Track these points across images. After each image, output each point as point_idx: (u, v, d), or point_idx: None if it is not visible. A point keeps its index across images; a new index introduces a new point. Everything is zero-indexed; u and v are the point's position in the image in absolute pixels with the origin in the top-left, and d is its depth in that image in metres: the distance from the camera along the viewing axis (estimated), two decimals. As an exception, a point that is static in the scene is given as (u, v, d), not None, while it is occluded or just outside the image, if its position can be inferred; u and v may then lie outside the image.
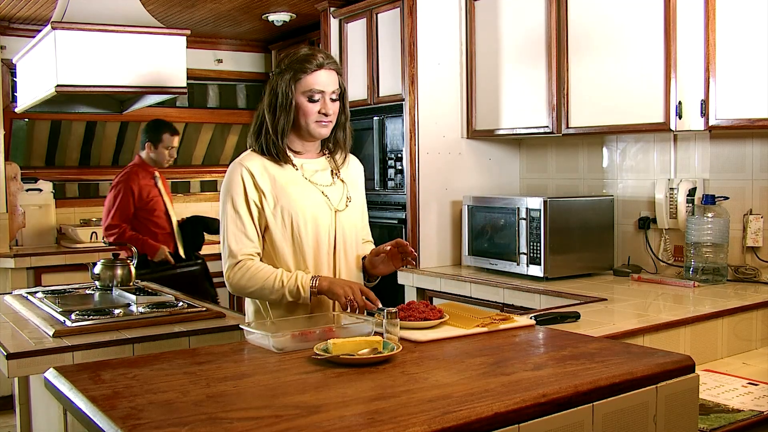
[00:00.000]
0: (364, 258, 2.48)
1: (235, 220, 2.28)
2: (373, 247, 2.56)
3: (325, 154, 2.48)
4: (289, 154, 2.37)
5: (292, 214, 2.30)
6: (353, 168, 2.55)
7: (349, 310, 2.25)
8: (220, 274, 2.39)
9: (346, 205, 2.43)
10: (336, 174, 2.45)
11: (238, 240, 2.28)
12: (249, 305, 2.45)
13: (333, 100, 2.37)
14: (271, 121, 2.33)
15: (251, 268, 2.27)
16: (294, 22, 5.67)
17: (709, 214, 3.30)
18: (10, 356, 2.39)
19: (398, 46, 4.37)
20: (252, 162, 2.32)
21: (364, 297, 2.24)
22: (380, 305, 2.23)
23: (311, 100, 2.32)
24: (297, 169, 2.36)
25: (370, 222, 2.65)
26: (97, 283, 3.40)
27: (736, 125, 3.12)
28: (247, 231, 2.29)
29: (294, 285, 2.24)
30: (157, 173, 4.63)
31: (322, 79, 2.33)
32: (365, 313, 2.24)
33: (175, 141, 4.68)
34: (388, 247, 2.37)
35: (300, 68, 2.31)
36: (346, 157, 2.52)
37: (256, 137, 2.37)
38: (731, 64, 3.10)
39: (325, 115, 2.35)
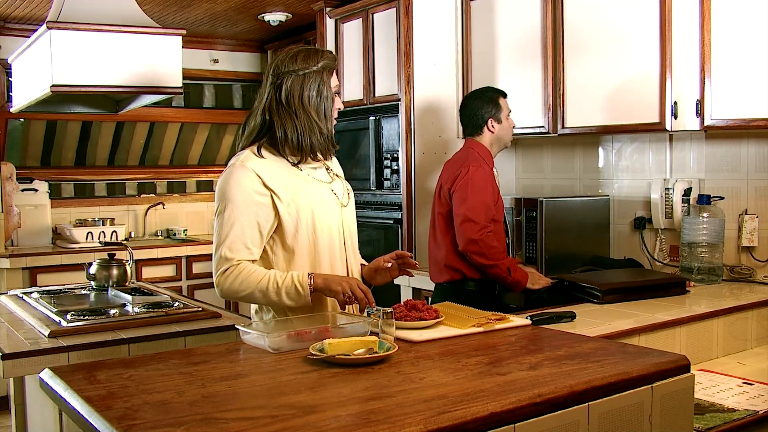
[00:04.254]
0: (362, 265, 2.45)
1: (233, 225, 2.18)
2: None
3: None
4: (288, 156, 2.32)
5: (307, 212, 2.24)
6: (336, 163, 2.52)
7: (347, 308, 2.24)
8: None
9: (349, 198, 2.42)
10: (329, 170, 2.42)
11: (233, 247, 2.18)
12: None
13: None
14: (319, 117, 2.28)
15: (243, 271, 2.17)
16: (290, 22, 5.67)
17: (705, 214, 3.31)
18: (5, 356, 2.39)
19: (394, 46, 4.38)
20: (254, 162, 2.23)
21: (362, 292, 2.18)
22: (375, 306, 2.19)
23: (336, 94, 2.35)
24: (301, 170, 2.30)
25: (366, 222, 2.65)
26: (92, 283, 3.40)
27: (732, 125, 3.13)
28: (245, 239, 2.19)
29: (291, 285, 2.17)
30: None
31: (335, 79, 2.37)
32: (365, 311, 2.19)
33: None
34: (389, 264, 2.31)
35: (329, 63, 2.32)
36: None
37: (303, 135, 2.26)
38: (726, 65, 3.10)
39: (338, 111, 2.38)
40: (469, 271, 3.20)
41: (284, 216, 2.22)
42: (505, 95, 3.40)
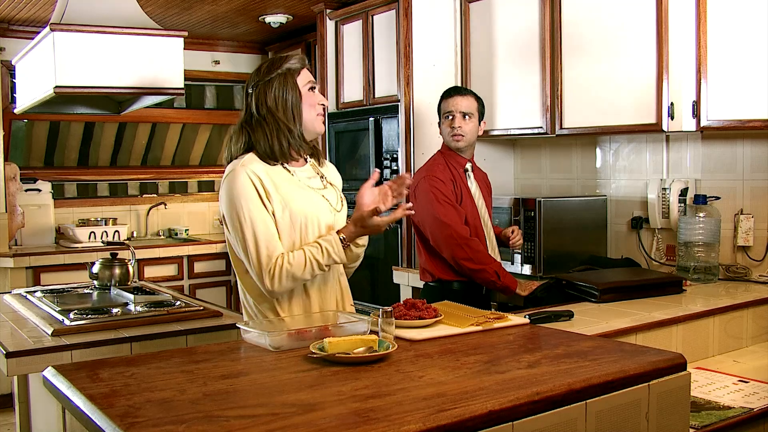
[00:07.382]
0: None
1: (257, 225, 2.20)
2: None
3: (306, 161, 2.44)
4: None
5: (300, 217, 2.26)
6: (333, 171, 2.54)
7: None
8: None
9: (342, 205, 2.44)
10: (323, 177, 2.45)
11: (269, 245, 2.20)
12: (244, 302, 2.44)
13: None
14: (287, 117, 2.31)
15: (283, 267, 2.19)
16: (290, 24, 5.69)
17: (701, 214, 3.33)
18: (9, 355, 2.41)
19: (394, 48, 4.40)
20: (254, 165, 2.25)
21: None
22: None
23: (311, 90, 2.36)
24: (293, 175, 2.33)
25: None
26: (95, 282, 3.41)
27: (728, 126, 3.15)
28: (274, 230, 2.22)
29: (330, 259, 2.24)
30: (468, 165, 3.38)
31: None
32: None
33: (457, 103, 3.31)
34: (390, 183, 2.42)
35: (294, 64, 2.35)
36: (323, 160, 2.52)
37: (272, 140, 2.30)
38: (722, 66, 3.12)
39: (323, 107, 2.39)
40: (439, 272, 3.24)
41: (279, 220, 2.25)
42: (444, 96, 3.35)
